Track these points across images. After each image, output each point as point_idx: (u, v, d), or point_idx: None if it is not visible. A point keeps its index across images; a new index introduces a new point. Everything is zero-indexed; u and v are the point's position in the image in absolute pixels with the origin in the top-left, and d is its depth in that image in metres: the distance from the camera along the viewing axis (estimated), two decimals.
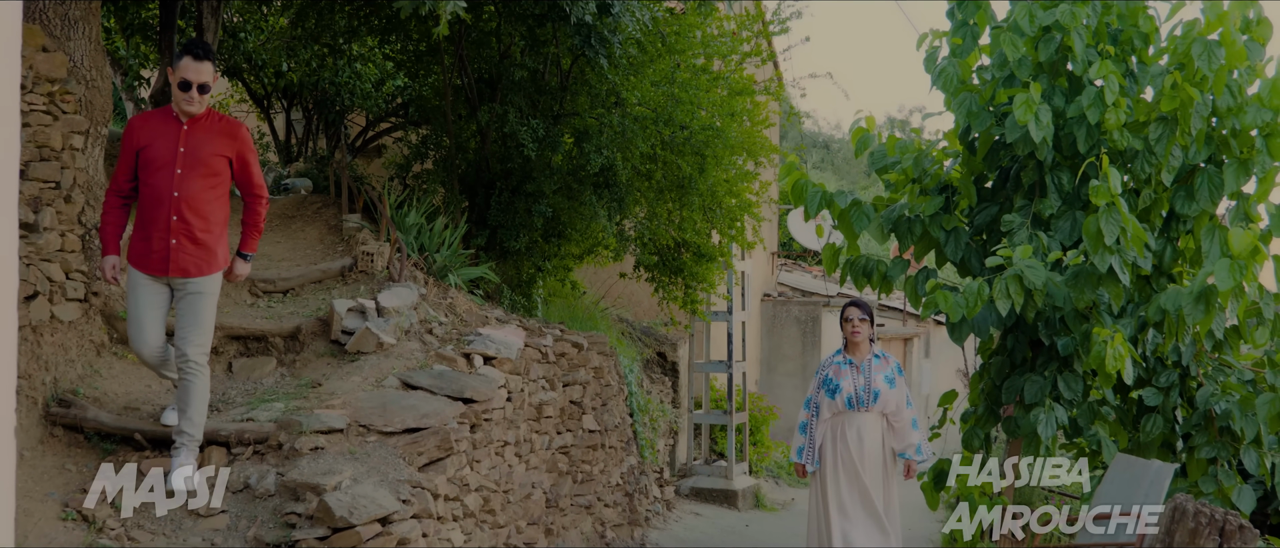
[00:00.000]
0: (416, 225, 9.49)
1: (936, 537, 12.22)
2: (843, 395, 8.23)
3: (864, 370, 8.31)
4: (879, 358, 8.36)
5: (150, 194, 6.16)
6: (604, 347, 9.69)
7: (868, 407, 8.24)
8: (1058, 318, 8.68)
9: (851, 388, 8.24)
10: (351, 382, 7.08)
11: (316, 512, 5.77)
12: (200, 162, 6.17)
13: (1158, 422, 9.02)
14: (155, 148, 6.15)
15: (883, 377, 8.31)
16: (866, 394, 8.24)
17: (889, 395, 8.28)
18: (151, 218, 6.15)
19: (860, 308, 8.41)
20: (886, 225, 9.21)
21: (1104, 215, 7.83)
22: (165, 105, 6.30)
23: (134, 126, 6.22)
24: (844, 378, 8.29)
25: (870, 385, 8.26)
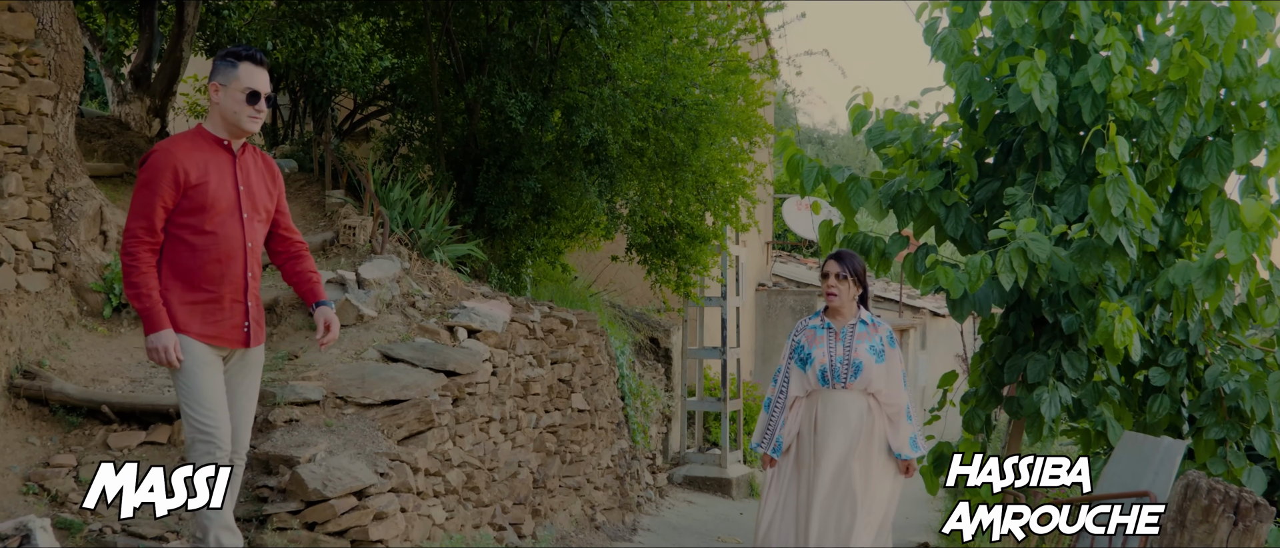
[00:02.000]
0: (401, 200, 9.21)
1: (935, 523, 11.96)
2: (815, 368, 6.45)
3: (844, 337, 6.48)
4: (865, 324, 6.54)
5: (215, 245, 4.82)
6: (594, 325, 9.42)
7: (846, 383, 6.42)
8: (1062, 294, 8.42)
9: (826, 358, 6.44)
10: (330, 354, 6.80)
11: (289, 485, 5.49)
12: (259, 204, 5.01)
13: (1165, 402, 8.77)
14: (212, 185, 4.80)
15: (867, 347, 6.45)
16: (845, 368, 6.43)
17: (874, 371, 6.42)
18: (219, 275, 4.84)
19: (841, 261, 6.55)
20: (884, 201, 8.96)
21: (1111, 185, 7.57)
22: (194, 129, 4.98)
23: (175, 153, 4.77)
24: (818, 345, 6.49)
25: (850, 356, 6.43)
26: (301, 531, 5.41)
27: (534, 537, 7.67)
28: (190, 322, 4.80)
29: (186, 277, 4.81)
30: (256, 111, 4.87)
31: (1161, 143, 8.23)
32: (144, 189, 4.74)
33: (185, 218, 4.77)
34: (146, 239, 4.73)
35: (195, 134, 4.91)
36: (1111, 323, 7.74)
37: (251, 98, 4.83)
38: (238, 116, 4.85)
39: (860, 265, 6.61)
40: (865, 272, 6.64)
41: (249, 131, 4.90)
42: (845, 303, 6.52)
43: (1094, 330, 8.34)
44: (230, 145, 4.90)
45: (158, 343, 4.70)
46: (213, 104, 4.87)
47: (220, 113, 4.86)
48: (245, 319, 4.95)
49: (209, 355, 4.83)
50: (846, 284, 6.53)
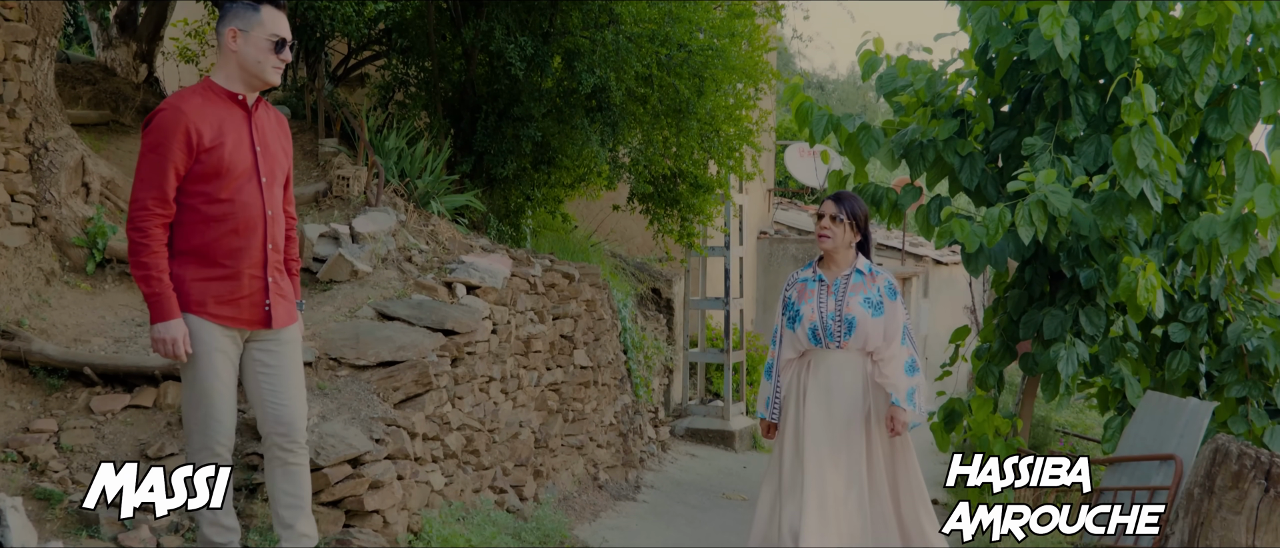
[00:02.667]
0: (397, 150, 8.89)
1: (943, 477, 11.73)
2: (805, 325, 5.71)
3: (836, 290, 5.71)
4: (861, 274, 5.75)
5: (232, 215, 4.38)
6: (596, 279, 9.13)
7: (840, 342, 5.65)
8: (1081, 248, 8.14)
9: (816, 315, 5.68)
10: (323, 312, 6.52)
11: None
12: (277, 166, 4.57)
13: (1184, 359, 8.52)
14: (228, 147, 4.33)
15: (861, 299, 5.66)
16: (837, 324, 5.66)
17: (871, 327, 5.64)
18: (237, 249, 4.40)
19: (839, 202, 5.76)
20: (897, 151, 8.67)
21: (1137, 136, 7.27)
22: (201, 83, 4.46)
23: (186, 112, 4.28)
24: (807, 300, 5.73)
25: (841, 311, 5.65)
26: None
27: (536, 499, 7.42)
28: (204, 300, 4.36)
29: (200, 252, 4.35)
30: (281, 61, 4.41)
31: (1187, 91, 7.92)
32: (152, 153, 4.24)
33: (198, 185, 4.29)
34: (158, 211, 4.25)
35: (204, 88, 4.39)
36: (1135, 279, 7.47)
37: (278, 46, 4.37)
38: (262, 67, 4.38)
39: (861, 209, 5.84)
40: (867, 218, 5.86)
41: (272, 84, 4.46)
42: (839, 248, 5.74)
43: (1115, 286, 8.08)
44: (245, 100, 4.42)
45: (165, 334, 4.27)
46: (228, 52, 4.37)
47: (238, 62, 4.36)
48: (266, 296, 4.48)
49: (222, 341, 4.41)
50: (841, 228, 5.74)
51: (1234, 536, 6.13)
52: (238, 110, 4.42)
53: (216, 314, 4.39)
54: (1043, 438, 10.63)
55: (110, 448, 5.45)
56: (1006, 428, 8.73)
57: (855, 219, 5.79)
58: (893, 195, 8.74)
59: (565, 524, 6.97)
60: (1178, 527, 6.32)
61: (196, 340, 4.35)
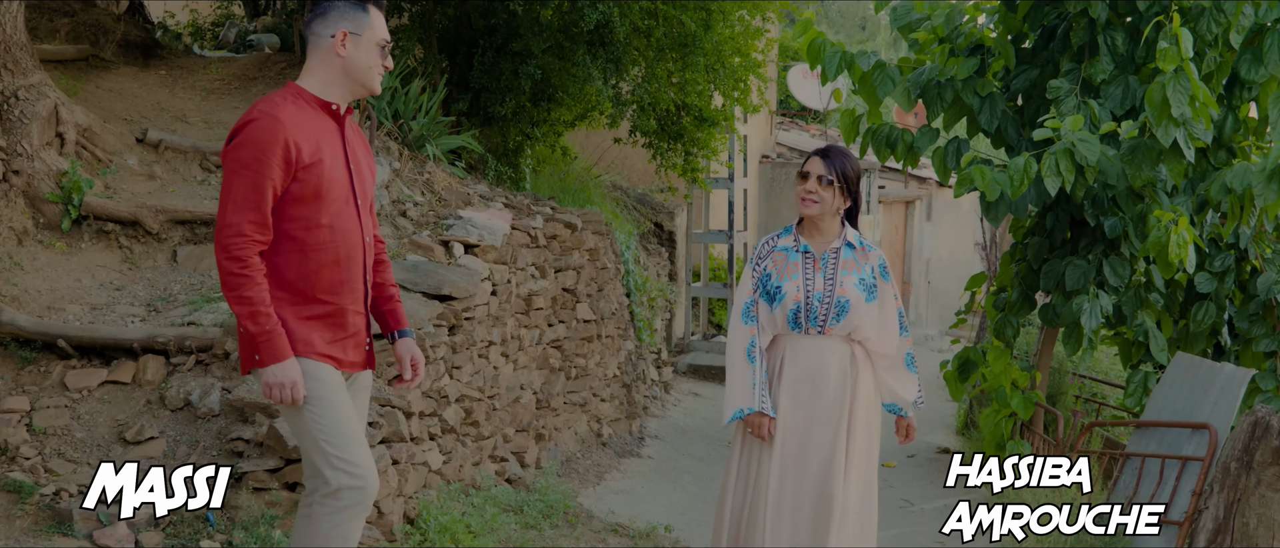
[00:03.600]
0: (390, 89, 8.47)
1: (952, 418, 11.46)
2: (785, 307, 4.72)
3: (825, 265, 4.76)
4: (853, 248, 4.81)
5: (332, 243, 3.84)
6: (599, 225, 8.75)
7: (825, 328, 4.72)
8: (1108, 197, 7.77)
9: (800, 294, 4.71)
10: None
11: (266, 439, 4.89)
12: (369, 187, 4.05)
13: (1210, 311, 8.20)
14: (326, 164, 3.79)
15: (856, 279, 4.75)
16: (826, 306, 4.71)
17: (864, 312, 4.75)
18: (339, 282, 3.87)
19: (827, 159, 4.75)
20: (913, 90, 8.26)
21: (1171, 82, 6.86)
22: (287, 88, 3.87)
23: (284, 123, 3.71)
24: (790, 276, 4.75)
25: (832, 292, 4.72)
26: (281, 491, 4.83)
27: (537, 465, 7.12)
28: (312, 338, 3.82)
29: (300, 286, 3.80)
30: (385, 65, 3.89)
31: (1222, 31, 7.51)
32: (246, 170, 3.66)
33: (295, 208, 3.75)
34: (257, 237, 3.69)
35: (294, 95, 3.80)
36: (1166, 234, 7.11)
37: (386, 51, 3.86)
38: (371, 74, 3.84)
39: (853, 168, 4.77)
40: (859, 178, 4.80)
41: (376, 93, 3.95)
42: (826, 216, 4.76)
43: (1143, 239, 7.73)
44: (339, 110, 3.85)
45: (282, 378, 3.69)
46: (332, 56, 3.79)
47: (344, 68, 3.80)
48: (367, 334, 4.02)
49: (338, 379, 3.88)
50: (831, 192, 4.71)
51: (1274, 514, 5.84)
52: (331, 123, 3.85)
53: (326, 353, 3.84)
54: (1059, 384, 10.31)
55: (86, 430, 5.13)
56: (1025, 381, 8.42)
57: (846, 181, 4.73)
58: (908, 137, 8.34)
59: (568, 494, 6.67)
60: (1212, 502, 6.03)
61: (314, 378, 3.78)
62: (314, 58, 3.84)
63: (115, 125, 7.55)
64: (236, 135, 3.72)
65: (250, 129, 3.69)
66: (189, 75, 9.51)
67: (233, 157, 3.71)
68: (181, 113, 8.48)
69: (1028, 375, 8.44)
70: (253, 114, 3.73)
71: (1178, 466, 6.43)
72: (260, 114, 3.70)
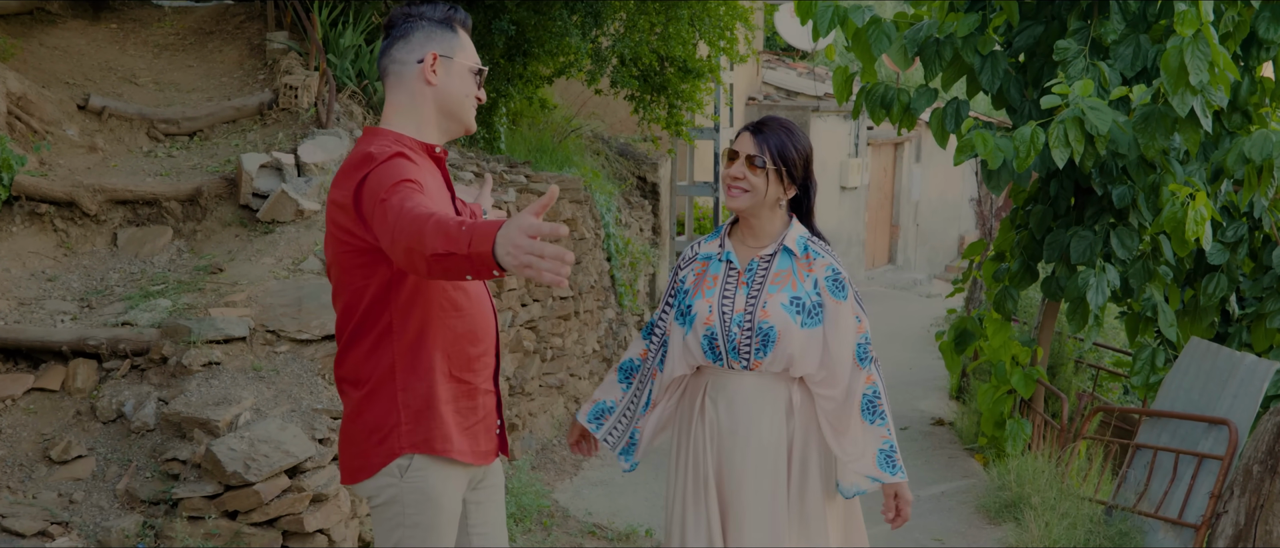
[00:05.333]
0: (354, 47, 7.93)
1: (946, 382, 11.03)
2: (698, 331, 3.52)
3: (749, 278, 3.53)
4: (791, 255, 3.54)
5: (469, 309, 3.13)
6: (578, 192, 8.25)
7: (748, 362, 3.49)
8: (1118, 166, 7.30)
9: (714, 316, 3.51)
10: (262, 264, 5.67)
11: (204, 462, 4.44)
12: None
13: (1221, 283, 7.77)
14: None
15: (787, 297, 3.48)
16: (746, 335, 3.47)
17: (797, 342, 3.46)
18: (475, 357, 3.16)
19: (759, 136, 3.51)
20: (910, 47, 7.76)
21: (1189, 47, 6.39)
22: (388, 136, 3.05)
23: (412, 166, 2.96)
24: (704, 292, 3.55)
25: (755, 316, 3.46)
26: (221, 519, 4.38)
27: (511, 459, 6.68)
28: (454, 434, 3.07)
29: (452, 360, 3.08)
30: (479, 99, 3.19)
31: None
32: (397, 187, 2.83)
33: None
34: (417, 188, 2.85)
35: (393, 141, 3.01)
36: (1182, 210, 6.66)
37: (480, 79, 3.18)
38: (466, 107, 3.14)
39: (798, 147, 3.53)
40: (808, 160, 3.57)
41: (472, 130, 3.24)
42: (762, 211, 3.53)
43: (1154, 210, 7.29)
44: (443, 155, 3.16)
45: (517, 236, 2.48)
46: (422, 87, 3.09)
47: (438, 101, 3.10)
48: (499, 417, 3.29)
49: (456, 507, 3.14)
50: (763, 177, 3.48)
51: None
52: (437, 170, 3.13)
53: (469, 451, 3.12)
54: (1060, 352, 9.89)
55: (8, 446, 4.66)
56: (1025, 357, 8.00)
57: (785, 164, 3.49)
58: (904, 97, 7.85)
59: (543, 491, 6.24)
60: (1232, 506, 5.63)
61: (431, 504, 3.04)
62: (398, 92, 3.11)
63: (55, 90, 7.03)
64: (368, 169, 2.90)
65: (381, 170, 2.88)
66: (142, 29, 8.93)
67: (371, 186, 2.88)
68: (131, 73, 7.94)
69: (1028, 351, 8.02)
70: (371, 155, 2.93)
71: (1193, 462, 6.02)
72: (380, 152, 2.93)
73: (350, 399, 3.08)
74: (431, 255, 2.59)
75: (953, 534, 6.41)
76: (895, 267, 22.67)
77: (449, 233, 2.57)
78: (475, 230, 2.54)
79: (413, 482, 3.01)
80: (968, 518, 6.78)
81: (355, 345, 3.05)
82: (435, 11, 3.14)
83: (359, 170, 2.93)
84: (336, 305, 3.11)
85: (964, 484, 7.48)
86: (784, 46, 23.47)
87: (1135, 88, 6.77)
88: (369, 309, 3.00)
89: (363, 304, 3.00)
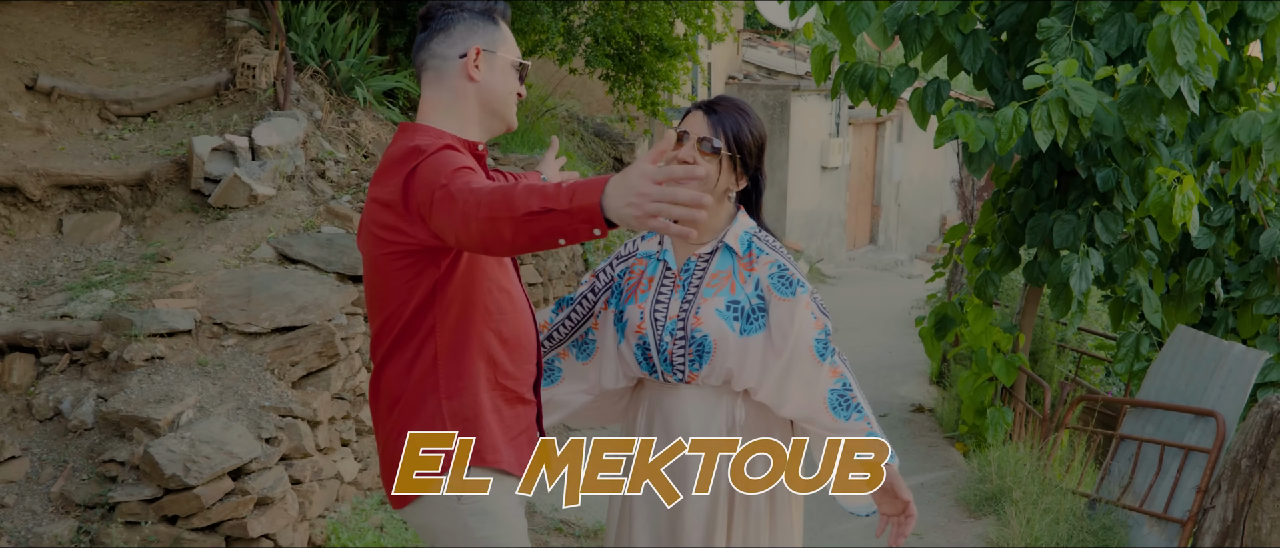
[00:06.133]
0: (316, 25, 7.67)
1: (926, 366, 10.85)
2: (630, 340, 3.17)
3: (685, 281, 3.14)
4: (732, 254, 3.15)
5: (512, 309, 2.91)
6: None
7: (684, 375, 3.12)
8: (1102, 148, 7.10)
9: (645, 324, 3.14)
10: (211, 253, 5.42)
11: (143, 463, 4.21)
12: None
13: (1207, 268, 7.58)
14: None
15: (722, 303, 3.09)
16: (679, 344, 3.10)
17: (734, 352, 3.07)
18: (523, 358, 2.94)
19: (713, 116, 3.09)
20: (890, 26, 7.54)
21: (1177, 26, 6.18)
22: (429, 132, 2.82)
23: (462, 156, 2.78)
24: (639, 294, 3.18)
25: (688, 323, 3.09)
26: (159, 525, 4.16)
27: None
28: (502, 445, 2.83)
29: (497, 367, 2.85)
30: (521, 94, 2.97)
31: None
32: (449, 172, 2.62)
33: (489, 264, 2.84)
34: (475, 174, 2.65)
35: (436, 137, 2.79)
36: (1169, 195, 6.46)
37: (523, 75, 2.95)
38: (508, 104, 2.91)
39: (753, 132, 3.11)
40: (761, 147, 3.14)
41: (513, 127, 3.00)
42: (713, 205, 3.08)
43: (1140, 194, 7.10)
44: (485, 153, 2.91)
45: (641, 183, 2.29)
46: (464, 83, 2.85)
47: (481, 97, 2.87)
48: (540, 429, 3.02)
49: (520, 508, 2.93)
50: (717, 164, 3.06)
51: None
52: (481, 169, 2.85)
53: (510, 461, 2.85)
54: (1042, 336, 9.69)
55: None
56: (1007, 343, 7.81)
57: (740, 150, 3.09)
58: (884, 77, 7.64)
59: None
60: (1220, 501, 5.44)
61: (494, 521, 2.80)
62: (438, 88, 2.88)
63: (4, 70, 6.76)
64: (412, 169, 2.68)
65: (433, 160, 2.68)
66: (99, 6, 8.64)
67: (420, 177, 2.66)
68: (85, 51, 7.66)
69: (1010, 337, 7.82)
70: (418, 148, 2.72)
71: (1179, 455, 5.83)
72: (428, 144, 2.73)
73: (389, 418, 2.83)
74: (523, 215, 2.38)
75: (933, 529, 6.22)
76: (876, 247, 22.50)
77: (544, 191, 2.38)
78: (577, 186, 2.36)
79: (471, 504, 2.76)
80: (948, 511, 6.59)
81: (395, 357, 2.79)
82: (476, 3, 2.88)
83: (405, 164, 2.70)
84: (375, 318, 2.84)
85: (944, 475, 7.29)
86: (764, 25, 23.24)
87: (1120, 68, 6.58)
88: (413, 316, 2.76)
89: (407, 312, 2.75)
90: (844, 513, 3.47)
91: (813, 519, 4.53)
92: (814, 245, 19.41)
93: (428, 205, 2.61)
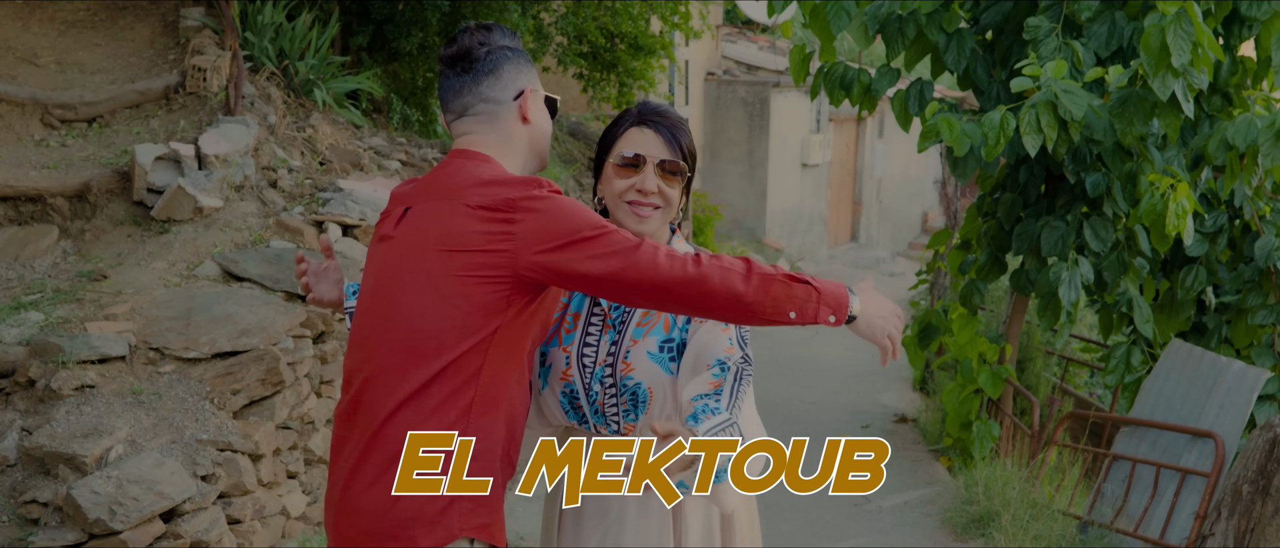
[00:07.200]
0: (273, 25, 7.34)
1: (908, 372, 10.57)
2: (555, 387, 2.70)
3: (615, 320, 2.72)
4: None
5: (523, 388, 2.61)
6: None
7: (618, 427, 2.68)
8: (1092, 153, 6.83)
9: (572, 369, 2.69)
10: (152, 270, 5.10)
11: (65, 505, 3.89)
12: None
13: (1200, 275, 7.31)
14: None
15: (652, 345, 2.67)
16: (609, 394, 2.67)
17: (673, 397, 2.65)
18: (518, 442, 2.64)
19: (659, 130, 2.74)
20: (871, 24, 7.24)
21: (1172, 26, 5.90)
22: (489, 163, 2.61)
23: None
24: (563, 333, 2.72)
25: (617, 369, 2.66)
26: None
27: None
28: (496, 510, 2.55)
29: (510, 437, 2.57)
30: None
31: None
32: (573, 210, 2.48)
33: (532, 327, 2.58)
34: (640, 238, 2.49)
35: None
36: (1162, 202, 6.19)
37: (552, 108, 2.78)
38: (547, 141, 2.76)
39: (690, 140, 2.80)
40: (695, 158, 2.80)
41: (546, 165, 2.81)
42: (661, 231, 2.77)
43: (1131, 200, 6.83)
44: None
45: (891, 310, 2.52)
46: (516, 125, 2.66)
47: (530, 139, 2.69)
48: None
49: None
50: (678, 187, 2.74)
51: None
52: None
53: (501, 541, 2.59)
54: (1029, 343, 9.41)
55: None
56: (993, 354, 7.53)
57: (692, 163, 2.79)
58: (865, 78, 7.36)
59: None
60: (1219, 527, 5.17)
61: None
62: (491, 131, 2.65)
63: None
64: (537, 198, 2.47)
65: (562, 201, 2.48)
66: (50, 4, 8.30)
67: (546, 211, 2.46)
68: (32, 52, 7.32)
69: (996, 348, 7.55)
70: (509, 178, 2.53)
71: (1176, 478, 5.56)
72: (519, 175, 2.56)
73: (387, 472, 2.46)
74: (764, 277, 2.42)
75: None
76: (858, 244, 22.25)
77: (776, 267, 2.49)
78: (824, 289, 2.49)
79: None
80: (932, 533, 6.30)
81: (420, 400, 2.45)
82: (512, 40, 2.70)
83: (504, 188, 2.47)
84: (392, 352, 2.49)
85: (928, 493, 7.01)
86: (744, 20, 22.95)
87: (1111, 69, 6.30)
88: (463, 356, 2.45)
89: (457, 348, 2.44)
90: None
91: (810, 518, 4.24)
92: (794, 243, 19.15)
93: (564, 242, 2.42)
